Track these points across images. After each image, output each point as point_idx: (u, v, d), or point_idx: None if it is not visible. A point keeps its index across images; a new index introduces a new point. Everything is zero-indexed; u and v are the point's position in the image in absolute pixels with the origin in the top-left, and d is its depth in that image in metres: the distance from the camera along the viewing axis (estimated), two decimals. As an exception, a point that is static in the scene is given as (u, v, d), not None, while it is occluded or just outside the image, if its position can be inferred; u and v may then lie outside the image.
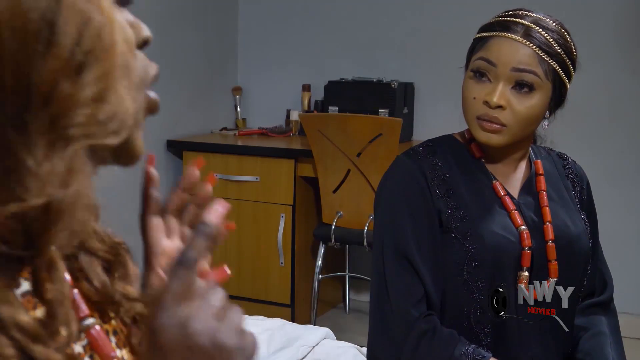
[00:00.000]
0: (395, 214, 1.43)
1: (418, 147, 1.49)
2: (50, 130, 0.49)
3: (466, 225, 1.40)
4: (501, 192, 1.45)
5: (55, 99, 0.48)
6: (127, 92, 0.53)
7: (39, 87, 0.48)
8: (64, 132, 0.49)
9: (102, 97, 0.51)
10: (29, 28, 0.47)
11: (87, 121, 0.50)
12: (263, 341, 2.09)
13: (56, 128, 0.49)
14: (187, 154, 3.56)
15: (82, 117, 0.50)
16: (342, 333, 2.95)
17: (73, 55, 0.49)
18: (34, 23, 0.47)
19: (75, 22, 0.48)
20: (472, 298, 1.39)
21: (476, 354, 1.35)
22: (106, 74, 0.51)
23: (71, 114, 0.49)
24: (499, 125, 1.37)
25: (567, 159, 1.59)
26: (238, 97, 4.03)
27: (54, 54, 0.48)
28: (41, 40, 0.47)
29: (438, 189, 1.42)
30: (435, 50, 3.68)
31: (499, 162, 1.48)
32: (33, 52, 0.47)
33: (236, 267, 3.50)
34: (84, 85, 0.49)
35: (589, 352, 1.48)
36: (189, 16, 3.72)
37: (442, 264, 1.40)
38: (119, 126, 0.52)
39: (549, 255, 1.43)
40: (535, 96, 1.37)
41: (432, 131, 1.87)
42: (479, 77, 1.39)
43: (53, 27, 0.47)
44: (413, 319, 1.38)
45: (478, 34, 1.43)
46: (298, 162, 3.38)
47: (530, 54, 1.35)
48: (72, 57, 0.49)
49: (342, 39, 3.88)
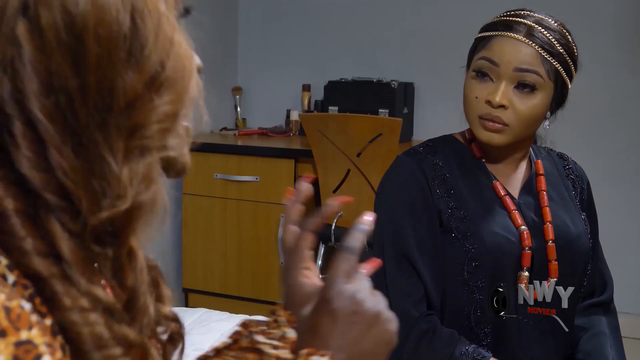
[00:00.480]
0: (395, 214, 1.43)
1: (418, 147, 1.49)
2: (130, 136, 0.54)
3: (466, 225, 1.40)
4: (501, 192, 1.45)
5: (136, 108, 0.54)
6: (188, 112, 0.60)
7: (122, 94, 0.53)
8: (141, 141, 0.55)
9: (177, 115, 0.57)
10: (113, 37, 0.52)
11: (163, 135, 0.56)
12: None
13: (135, 136, 0.54)
14: (187, 154, 3.56)
15: (160, 130, 0.56)
16: (342, 333, 2.95)
17: (158, 74, 0.55)
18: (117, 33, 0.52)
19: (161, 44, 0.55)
20: (472, 298, 1.39)
21: (476, 353, 1.35)
22: (183, 95, 0.58)
23: (149, 126, 0.55)
24: (501, 124, 1.37)
25: (568, 159, 1.59)
26: (238, 97, 4.03)
27: (140, 67, 0.53)
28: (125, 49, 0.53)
29: (438, 188, 1.42)
30: (435, 50, 3.68)
31: (500, 162, 1.48)
32: (116, 59, 0.52)
33: (236, 267, 3.50)
34: (165, 102, 0.56)
35: (589, 353, 1.48)
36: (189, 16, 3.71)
37: (442, 264, 1.40)
38: (184, 142, 0.60)
39: (549, 255, 1.43)
40: (537, 96, 1.37)
41: (432, 131, 1.86)
42: (481, 77, 1.39)
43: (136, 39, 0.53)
44: (413, 319, 1.38)
45: (480, 34, 1.43)
46: (298, 162, 3.38)
47: (533, 53, 1.35)
48: (157, 75, 0.55)
49: (342, 39, 3.88)
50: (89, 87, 0.51)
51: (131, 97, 0.53)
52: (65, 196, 0.52)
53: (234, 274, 3.52)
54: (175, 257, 3.68)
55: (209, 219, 3.52)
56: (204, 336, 2.09)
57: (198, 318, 2.28)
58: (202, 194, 3.53)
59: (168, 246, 3.65)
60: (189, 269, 3.60)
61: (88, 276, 0.53)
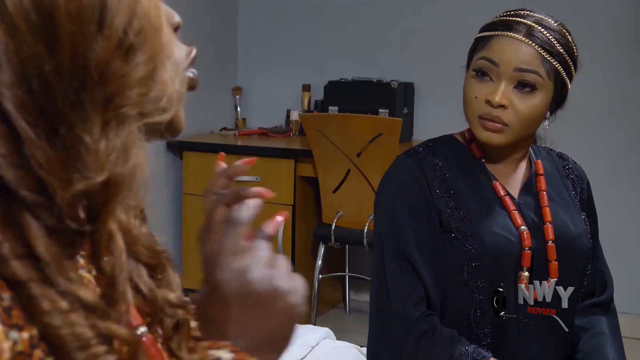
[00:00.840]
0: (395, 214, 1.43)
1: (418, 147, 1.49)
2: (106, 108, 0.51)
3: (466, 225, 1.40)
4: (501, 192, 1.45)
5: (110, 78, 0.51)
6: (172, 70, 0.57)
7: (94, 67, 0.50)
8: (118, 111, 0.52)
9: (152, 77, 0.54)
10: (83, 11, 0.49)
11: (140, 100, 0.53)
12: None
13: (111, 106, 0.51)
14: (187, 154, 3.56)
15: (136, 97, 0.53)
16: (342, 333, 2.95)
17: (125, 36, 0.52)
18: (87, 6, 0.49)
19: (124, 4, 0.52)
20: (472, 298, 1.39)
21: (476, 354, 1.35)
22: (155, 54, 0.54)
23: (125, 93, 0.52)
24: (501, 124, 1.37)
25: (567, 159, 1.59)
26: (238, 97, 4.03)
27: (107, 35, 0.51)
28: (95, 21, 0.50)
29: (438, 188, 1.42)
30: (435, 50, 3.68)
31: (499, 162, 1.48)
32: (88, 33, 0.50)
33: (236, 267, 3.50)
34: (135, 65, 0.52)
35: (589, 352, 1.48)
36: (189, 16, 3.71)
37: (442, 264, 1.40)
38: (168, 104, 0.56)
39: (549, 255, 1.43)
40: (537, 96, 1.37)
41: (432, 131, 1.86)
42: (481, 77, 1.39)
43: (105, 9, 0.50)
44: (413, 319, 1.38)
45: (479, 34, 1.43)
46: (298, 162, 3.38)
47: (533, 53, 1.35)
48: (124, 38, 0.52)
49: (342, 39, 3.88)
50: (64, 67, 0.49)
51: (102, 67, 0.51)
52: (42, 191, 0.50)
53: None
54: (175, 257, 3.68)
55: (209, 219, 3.52)
56: (204, 336, 2.09)
57: (198, 318, 2.28)
58: (202, 194, 3.52)
59: (168, 246, 3.64)
60: (189, 269, 3.60)
61: (66, 274, 0.51)
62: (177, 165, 3.64)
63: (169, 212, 3.63)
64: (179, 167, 3.63)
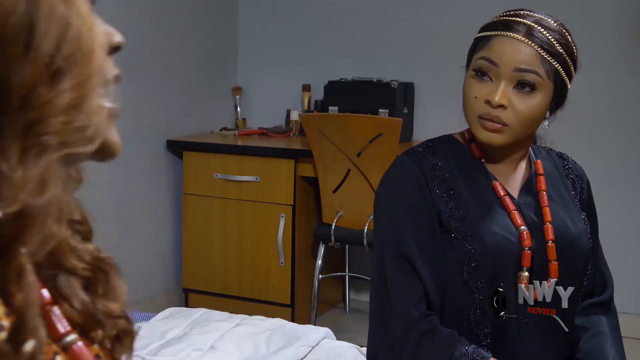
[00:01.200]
0: (395, 214, 1.43)
1: (418, 147, 1.49)
2: (26, 136, 0.48)
3: (466, 226, 1.40)
4: (501, 192, 1.45)
5: (32, 104, 0.48)
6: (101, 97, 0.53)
7: (16, 92, 0.47)
8: (39, 140, 0.48)
9: (79, 104, 0.51)
10: (8, 32, 0.46)
11: (63, 129, 0.50)
12: (263, 341, 2.09)
13: (32, 134, 0.48)
14: (187, 154, 3.56)
15: (59, 125, 0.49)
16: (342, 333, 2.95)
17: (52, 61, 0.48)
18: (12, 27, 0.46)
19: (55, 27, 0.48)
20: (472, 298, 1.39)
21: (476, 354, 1.35)
22: (84, 81, 0.51)
23: (47, 121, 0.49)
24: (501, 124, 1.37)
25: (567, 159, 1.59)
26: (238, 97, 4.03)
27: (33, 59, 0.47)
28: (20, 43, 0.47)
29: (438, 188, 1.42)
30: (435, 50, 3.68)
31: (499, 162, 1.48)
32: (12, 55, 0.46)
33: (236, 267, 3.50)
34: (61, 91, 0.49)
35: (589, 352, 1.48)
36: (189, 16, 3.71)
37: (442, 264, 1.40)
38: (94, 133, 0.52)
39: (549, 255, 1.43)
40: (537, 96, 1.37)
41: (432, 131, 1.86)
42: (481, 77, 1.39)
43: (32, 31, 0.47)
44: (413, 319, 1.38)
45: (479, 34, 1.43)
46: (298, 162, 3.38)
47: (533, 53, 1.35)
48: (51, 62, 0.48)
49: (342, 39, 3.88)
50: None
51: (25, 92, 0.47)
52: None
53: (234, 274, 3.52)
54: (175, 257, 3.68)
55: (209, 219, 3.52)
56: (203, 336, 2.09)
57: (198, 318, 2.28)
58: (202, 194, 3.53)
59: (168, 246, 3.65)
60: (189, 269, 3.60)
61: None
62: (177, 165, 3.64)
63: (169, 212, 3.63)
64: (179, 167, 3.62)
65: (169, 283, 3.67)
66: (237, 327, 2.18)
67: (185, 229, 3.58)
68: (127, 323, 0.62)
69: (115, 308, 0.61)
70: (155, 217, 3.58)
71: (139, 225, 3.47)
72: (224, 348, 2.02)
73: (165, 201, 3.62)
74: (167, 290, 3.63)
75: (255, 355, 2.03)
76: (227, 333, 2.12)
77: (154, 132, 3.51)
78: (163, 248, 3.62)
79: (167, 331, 2.17)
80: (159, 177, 3.58)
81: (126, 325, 0.62)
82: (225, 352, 2.00)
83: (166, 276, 3.65)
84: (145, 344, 2.07)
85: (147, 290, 3.48)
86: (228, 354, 2.00)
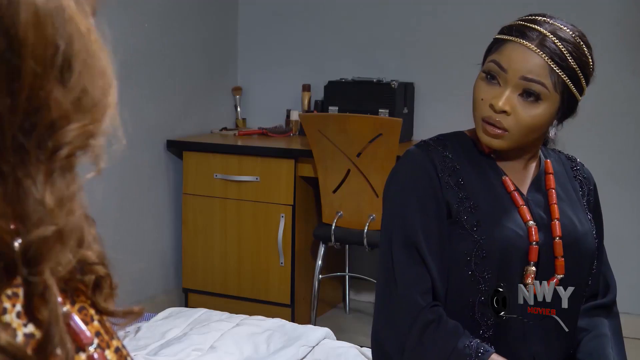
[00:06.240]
0: (404, 204, 1.43)
1: (429, 139, 1.50)
2: (51, 156, 0.50)
3: (476, 216, 1.41)
4: (511, 187, 1.45)
5: (60, 127, 0.50)
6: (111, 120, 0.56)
7: (47, 113, 0.49)
8: (62, 161, 0.51)
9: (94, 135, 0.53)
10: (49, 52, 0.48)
11: (80, 154, 0.52)
12: (263, 341, 2.09)
13: (56, 155, 0.50)
14: (187, 154, 3.56)
15: (77, 149, 0.52)
16: (342, 333, 2.95)
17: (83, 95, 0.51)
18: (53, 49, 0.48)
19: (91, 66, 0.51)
20: (478, 289, 1.40)
21: (480, 347, 1.35)
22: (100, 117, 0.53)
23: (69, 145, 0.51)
24: (501, 130, 1.38)
25: (576, 161, 1.60)
26: (238, 97, 4.03)
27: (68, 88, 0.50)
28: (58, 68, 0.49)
29: (448, 179, 1.43)
30: (435, 50, 3.68)
31: (509, 160, 1.48)
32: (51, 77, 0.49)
33: (236, 267, 3.50)
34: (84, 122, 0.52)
35: (590, 353, 1.48)
36: (189, 16, 3.71)
37: (449, 255, 1.41)
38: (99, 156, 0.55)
39: (555, 251, 1.43)
40: (541, 106, 1.37)
41: (432, 131, 1.86)
42: (490, 79, 1.39)
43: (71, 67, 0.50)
44: (419, 308, 1.38)
45: (498, 35, 1.43)
46: (298, 162, 3.38)
47: (542, 64, 1.35)
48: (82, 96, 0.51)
49: (342, 39, 3.88)
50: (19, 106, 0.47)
51: (56, 116, 0.49)
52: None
53: (234, 274, 3.51)
54: (175, 257, 3.67)
55: (209, 219, 3.52)
56: (203, 336, 2.09)
57: (198, 318, 2.28)
58: (202, 194, 3.53)
59: (168, 246, 3.65)
60: (189, 269, 3.60)
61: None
62: (177, 165, 3.64)
63: (169, 212, 3.63)
64: (179, 167, 3.62)
65: (169, 283, 3.67)
66: (237, 327, 2.18)
67: (185, 229, 3.58)
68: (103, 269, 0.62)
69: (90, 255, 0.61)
70: (155, 217, 3.57)
71: (139, 225, 3.47)
72: (224, 348, 2.02)
73: (165, 201, 3.62)
74: (167, 291, 3.63)
75: (255, 355, 2.03)
76: (227, 333, 2.12)
77: (154, 132, 3.51)
78: (163, 248, 3.62)
79: (167, 331, 2.17)
80: (159, 177, 3.58)
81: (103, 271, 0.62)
82: (225, 352, 2.00)
83: (166, 276, 3.65)
84: (145, 344, 2.07)
85: (147, 290, 3.48)
86: (228, 354, 2.00)
